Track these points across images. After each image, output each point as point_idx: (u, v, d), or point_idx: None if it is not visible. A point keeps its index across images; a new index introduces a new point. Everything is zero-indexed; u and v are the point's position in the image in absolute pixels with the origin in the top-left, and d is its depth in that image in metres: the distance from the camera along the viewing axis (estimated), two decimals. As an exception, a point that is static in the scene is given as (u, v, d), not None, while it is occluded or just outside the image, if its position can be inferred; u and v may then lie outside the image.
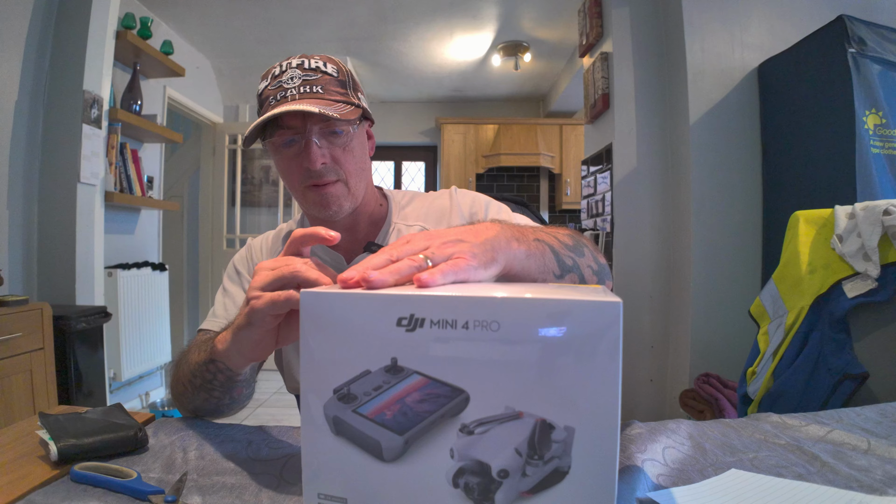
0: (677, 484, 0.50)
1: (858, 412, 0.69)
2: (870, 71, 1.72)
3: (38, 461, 0.53)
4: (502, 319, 0.36)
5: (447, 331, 0.37)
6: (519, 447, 0.36)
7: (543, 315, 0.36)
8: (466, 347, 0.37)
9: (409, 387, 0.38)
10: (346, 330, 0.39)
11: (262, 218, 4.15)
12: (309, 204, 0.78)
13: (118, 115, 2.51)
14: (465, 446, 0.37)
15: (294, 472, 0.52)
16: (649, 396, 2.36)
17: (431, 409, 0.38)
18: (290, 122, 0.74)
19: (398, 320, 0.38)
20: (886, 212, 1.13)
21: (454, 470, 0.37)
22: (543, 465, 0.36)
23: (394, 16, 3.27)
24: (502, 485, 0.37)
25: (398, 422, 0.38)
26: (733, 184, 2.17)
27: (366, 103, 0.81)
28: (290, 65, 0.78)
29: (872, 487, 0.48)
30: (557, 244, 0.57)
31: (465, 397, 0.37)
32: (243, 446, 0.58)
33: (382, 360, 0.38)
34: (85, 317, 2.00)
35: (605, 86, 2.51)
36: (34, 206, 2.17)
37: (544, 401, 0.36)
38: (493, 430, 0.37)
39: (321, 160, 0.73)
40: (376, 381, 0.39)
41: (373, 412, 0.39)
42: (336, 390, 0.39)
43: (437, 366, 0.37)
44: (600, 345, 0.35)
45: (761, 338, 1.38)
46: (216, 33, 3.49)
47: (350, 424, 0.39)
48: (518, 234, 0.52)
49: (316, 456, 0.40)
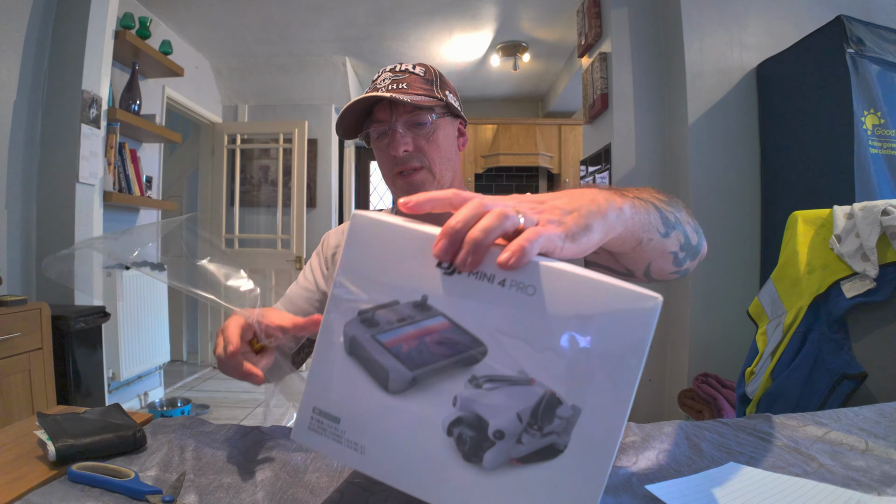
0: (675, 483, 0.50)
1: (856, 412, 0.69)
2: (868, 71, 1.72)
3: (36, 461, 0.53)
4: (540, 286, 0.36)
5: (483, 283, 0.37)
6: (521, 413, 0.36)
7: (583, 292, 0.35)
8: (497, 303, 0.37)
9: (432, 327, 0.38)
10: (387, 259, 0.40)
11: (261, 218, 4.15)
12: (397, 190, 0.86)
13: (117, 115, 2.51)
14: (469, 398, 0.37)
15: (292, 472, 0.52)
16: (648, 396, 2.36)
17: (447, 354, 0.38)
18: (379, 116, 0.82)
19: (439, 262, 0.38)
20: (885, 212, 1.13)
21: (452, 418, 0.37)
22: (540, 438, 0.36)
23: (392, 16, 3.27)
24: (495, 445, 0.37)
25: (412, 357, 0.39)
26: (732, 184, 2.17)
27: (455, 102, 0.88)
28: (385, 69, 0.88)
29: (870, 487, 0.49)
30: (657, 201, 0.56)
31: (483, 350, 0.37)
32: (240, 446, 0.58)
33: (413, 296, 0.39)
34: (83, 317, 1.99)
35: (604, 86, 2.51)
36: (33, 206, 2.17)
37: (559, 375, 0.36)
38: (501, 390, 0.37)
39: (403, 147, 0.81)
40: (402, 314, 0.39)
41: (390, 342, 0.39)
42: (361, 312, 0.40)
43: (464, 314, 0.38)
44: (630, 337, 0.35)
45: (760, 338, 1.39)
46: (215, 33, 3.49)
47: (365, 348, 0.39)
48: (619, 192, 0.50)
49: (323, 371, 0.41)
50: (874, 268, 1.12)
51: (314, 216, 4.17)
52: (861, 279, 1.15)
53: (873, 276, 1.12)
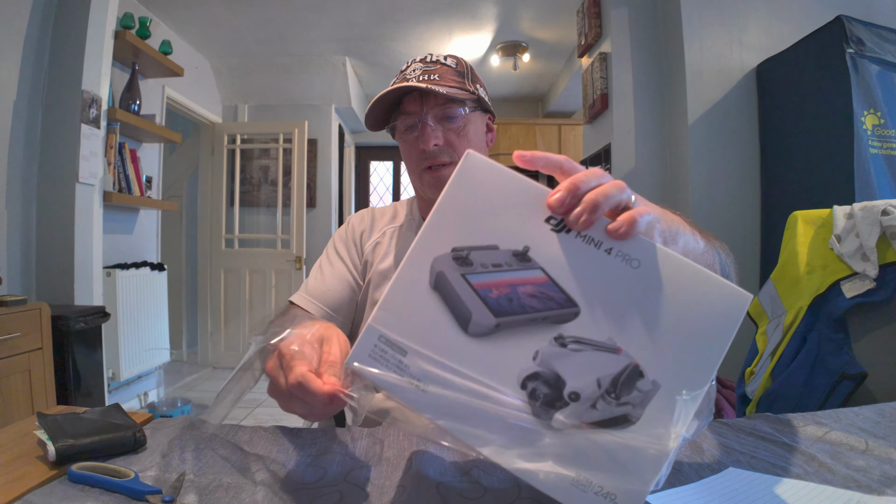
0: (675, 484, 0.50)
1: (857, 412, 0.69)
2: (868, 71, 1.72)
3: (36, 461, 0.53)
4: (645, 261, 0.37)
5: (590, 247, 0.38)
6: (602, 379, 0.36)
7: (686, 276, 0.37)
8: (600, 269, 0.37)
9: (528, 279, 0.38)
10: (495, 203, 0.39)
11: (261, 218, 4.15)
12: (424, 185, 0.82)
13: (117, 115, 2.51)
14: (551, 355, 0.37)
15: (292, 472, 0.52)
16: (648, 396, 2.36)
17: (538, 308, 0.38)
18: (409, 108, 0.80)
19: (549, 217, 0.38)
20: (885, 212, 1.13)
21: (529, 372, 0.37)
22: (615, 406, 0.36)
23: (393, 16, 3.27)
24: (568, 406, 0.36)
25: (500, 304, 0.38)
26: (732, 184, 2.17)
27: (485, 96, 0.86)
28: (415, 60, 0.85)
29: (870, 488, 0.49)
30: (723, 251, 0.58)
31: (575, 311, 0.37)
32: (240, 446, 0.58)
33: (515, 244, 0.39)
34: (83, 317, 1.99)
35: (604, 86, 2.51)
36: (33, 206, 2.17)
37: (648, 348, 0.36)
38: (585, 354, 0.37)
39: (434, 141, 0.78)
40: (499, 259, 0.39)
41: (480, 285, 0.38)
42: (455, 249, 0.39)
43: (563, 272, 0.38)
44: (719, 326, 0.36)
45: (759, 338, 1.39)
46: (215, 33, 3.49)
47: (451, 285, 0.38)
48: (696, 227, 0.53)
49: (398, 300, 0.39)
50: (874, 268, 1.12)
51: (314, 216, 4.16)
52: (861, 279, 1.15)
53: (873, 276, 1.12)
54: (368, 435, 0.61)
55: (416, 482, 0.50)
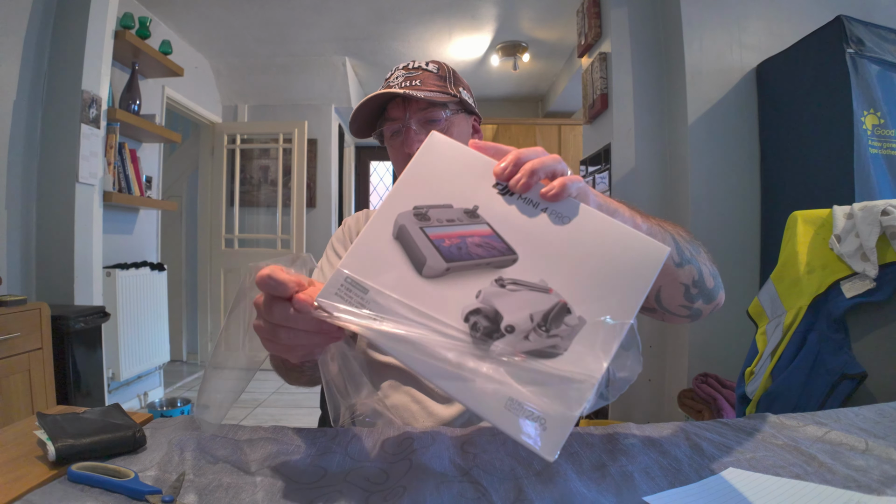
0: (675, 484, 0.50)
1: (856, 412, 0.69)
2: (868, 71, 1.72)
3: (35, 461, 0.53)
4: (573, 218, 0.45)
5: (528, 206, 0.46)
6: (534, 314, 0.42)
7: (607, 231, 0.44)
8: (535, 224, 0.45)
9: (475, 231, 0.45)
10: (451, 171, 0.47)
11: (261, 218, 4.15)
12: None
13: (117, 115, 2.51)
14: (492, 294, 0.43)
15: (292, 472, 0.52)
16: (647, 396, 2.36)
17: (482, 255, 0.44)
18: (393, 114, 0.83)
19: (496, 184, 0.47)
20: (884, 212, 1.13)
21: (472, 307, 0.43)
22: (545, 338, 0.41)
23: (392, 16, 3.27)
24: (504, 336, 0.42)
25: (450, 252, 0.45)
26: (731, 184, 2.17)
27: (469, 98, 0.88)
28: (398, 67, 0.89)
29: (870, 488, 0.49)
30: (678, 235, 0.62)
31: (514, 258, 0.44)
32: (240, 446, 0.58)
33: (466, 204, 0.46)
34: (83, 317, 1.99)
35: (604, 86, 2.51)
36: (33, 206, 2.17)
37: (575, 289, 0.43)
38: (521, 293, 0.43)
39: (418, 144, 0.81)
40: (452, 216, 0.46)
41: (435, 236, 0.45)
42: (416, 208, 0.46)
43: (505, 227, 0.45)
44: (637, 273, 0.43)
45: (759, 338, 1.39)
46: (215, 33, 3.49)
47: (411, 235, 0.45)
48: (643, 214, 0.59)
49: (365, 249, 0.45)
50: (874, 268, 1.12)
51: (314, 216, 4.16)
52: (861, 279, 1.15)
53: (873, 276, 1.12)
54: (368, 435, 0.61)
55: (416, 482, 0.50)
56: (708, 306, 0.68)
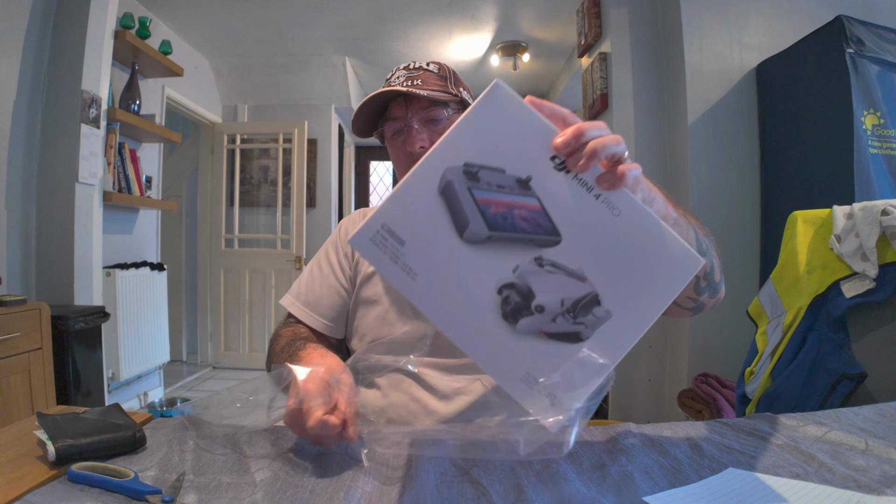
0: (675, 484, 0.50)
1: (856, 412, 0.69)
2: (868, 71, 1.72)
3: (35, 461, 0.53)
4: (624, 212, 0.44)
5: (582, 189, 0.44)
6: (566, 300, 0.43)
7: (654, 232, 0.44)
8: (586, 209, 0.44)
9: (524, 204, 0.44)
10: (510, 132, 0.44)
11: (261, 218, 4.15)
12: None
13: (116, 115, 2.51)
14: (528, 272, 0.43)
15: (292, 472, 0.52)
16: (647, 396, 2.36)
17: (526, 230, 0.44)
18: (394, 113, 0.82)
19: (554, 156, 0.44)
20: (884, 212, 1.13)
21: (507, 281, 0.43)
22: (571, 324, 0.43)
23: (392, 16, 3.27)
24: (532, 315, 0.43)
25: (495, 219, 0.44)
26: (731, 184, 2.17)
27: (469, 98, 0.88)
28: (399, 67, 0.88)
29: (870, 487, 0.49)
30: (698, 227, 0.63)
31: (557, 240, 0.44)
32: (239, 446, 0.58)
33: (520, 172, 0.44)
34: (83, 317, 1.99)
35: (604, 86, 2.51)
36: (32, 206, 2.17)
37: (609, 283, 0.43)
38: (557, 276, 0.44)
39: (420, 143, 0.80)
40: (503, 182, 0.44)
41: (482, 200, 0.43)
42: (468, 164, 0.44)
43: (555, 205, 0.44)
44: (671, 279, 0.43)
45: (759, 338, 1.39)
46: (215, 33, 3.48)
47: (457, 194, 0.43)
48: (672, 201, 0.59)
49: (406, 197, 0.43)
50: (874, 268, 1.12)
51: (314, 216, 4.16)
52: (861, 279, 1.15)
53: (873, 276, 1.12)
54: (368, 435, 0.61)
55: (416, 482, 0.50)
56: (711, 300, 0.69)
